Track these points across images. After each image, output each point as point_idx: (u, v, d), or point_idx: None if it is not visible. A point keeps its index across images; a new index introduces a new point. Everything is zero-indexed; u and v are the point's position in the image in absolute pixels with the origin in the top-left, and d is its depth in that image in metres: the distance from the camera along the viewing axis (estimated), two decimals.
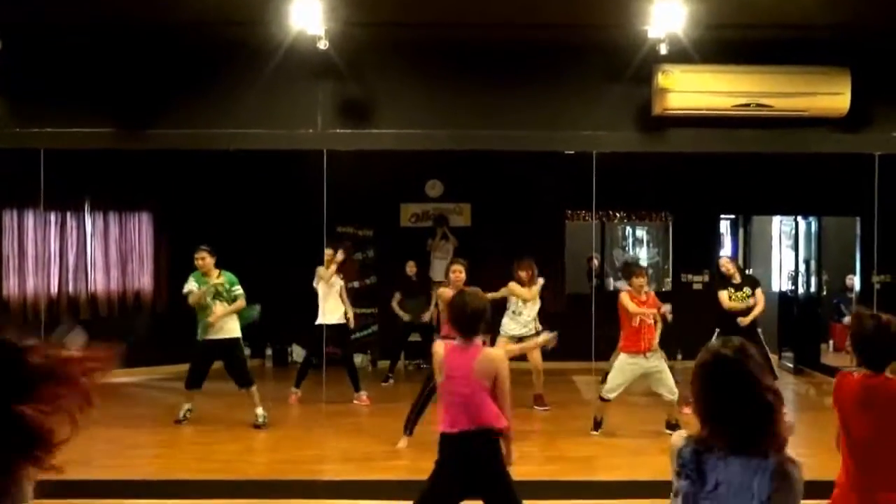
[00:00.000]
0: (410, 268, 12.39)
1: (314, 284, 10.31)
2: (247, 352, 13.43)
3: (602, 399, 8.88)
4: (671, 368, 9.19)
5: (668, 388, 8.84)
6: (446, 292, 7.84)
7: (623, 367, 8.87)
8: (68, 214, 11.90)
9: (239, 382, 9.17)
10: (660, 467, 8.02)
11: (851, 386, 4.25)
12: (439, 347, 5.17)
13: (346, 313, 10.51)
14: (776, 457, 2.90)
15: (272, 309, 12.89)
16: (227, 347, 9.19)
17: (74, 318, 11.91)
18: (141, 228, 12.69)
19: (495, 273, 10.63)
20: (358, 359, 13.34)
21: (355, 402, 10.16)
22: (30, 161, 7.89)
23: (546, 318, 12.82)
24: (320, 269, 10.22)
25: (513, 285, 10.19)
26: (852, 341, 4.35)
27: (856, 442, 4.20)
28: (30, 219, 11.44)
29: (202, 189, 12.48)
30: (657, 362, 8.99)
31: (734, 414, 2.91)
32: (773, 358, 11.59)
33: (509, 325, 10.43)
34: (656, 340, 9.13)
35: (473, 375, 4.87)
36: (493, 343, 9.53)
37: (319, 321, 10.20)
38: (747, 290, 10.01)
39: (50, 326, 9.93)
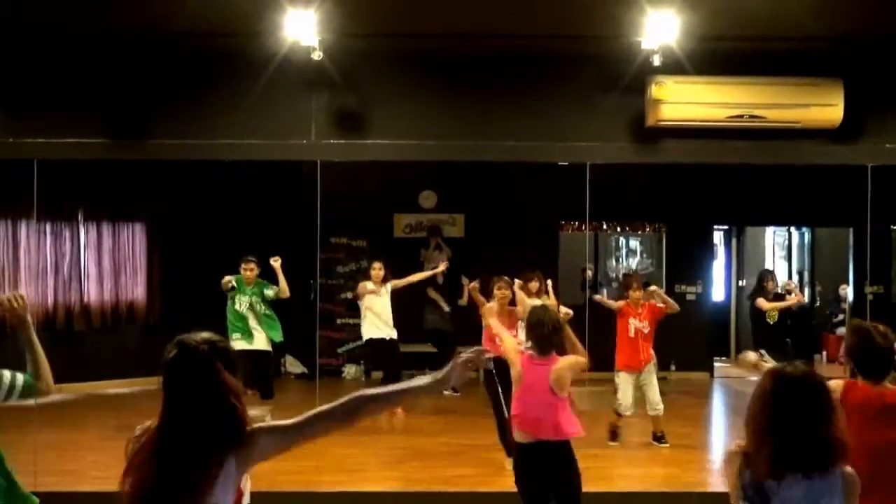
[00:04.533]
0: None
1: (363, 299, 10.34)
2: None
3: (618, 414, 8.89)
4: (664, 380, 9.20)
5: (652, 402, 8.84)
6: (492, 308, 8.03)
7: (624, 384, 8.88)
8: (62, 225, 11.88)
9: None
10: (655, 479, 8.05)
11: (865, 395, 4.23)
12: (516, 357, 5.52)
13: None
14: (842, 469, 2.96)
15: None
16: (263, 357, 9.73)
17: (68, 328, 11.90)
18: (134, 239, 12.67)
19: (489, 284, 10.63)
20: (351, 369, 13.34)
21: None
22: (23, 171, 7.86)
23: None
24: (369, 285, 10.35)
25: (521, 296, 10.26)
26: (849, 352, 4.34)
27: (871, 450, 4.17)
28: (23, 229, 11.42)
29: (196, 200, 12.47)
30: (648, 375, 9.00)
31: (808, 433, 2.94)
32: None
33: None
34: (651, 354, 9.19)
35: (550, 388, 5.28)
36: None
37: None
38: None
39: (42, 337, 9.88)
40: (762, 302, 10.06)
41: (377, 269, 10.34)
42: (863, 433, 4.14)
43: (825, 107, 7.54)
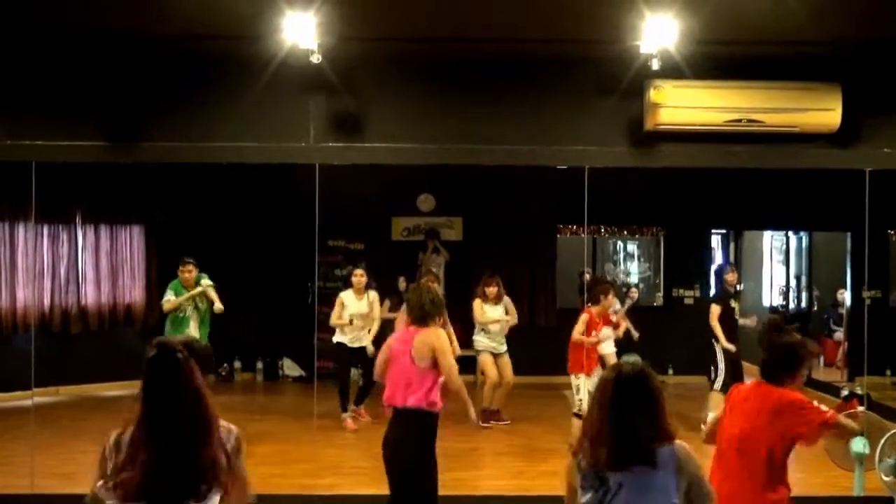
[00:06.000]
0: (401, 283, 12.36)
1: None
2: (237, 365, 13.47)
3: (577, 416, 8.92)
4: (662, 383, 9.22)
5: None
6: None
7: (579, 385, 8.98)
8: (60, 227, 11.87)
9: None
10: None
11: (744, 388, 4.52)
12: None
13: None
14: (672, 448, 3.23)
15: (263, 323, 12.87)
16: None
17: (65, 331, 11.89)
18: (132, 242, 12.67)
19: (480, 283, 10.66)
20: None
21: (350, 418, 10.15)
22: (21, 174, 7.86)
23: (537, 332, 12.86)
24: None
25: (476, 304, 10.44)
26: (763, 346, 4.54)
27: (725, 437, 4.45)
28: (21, 232, 11.41)
29: (194, 202, 12.47)
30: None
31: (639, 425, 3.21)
32: None
33: (481, 341, 10.52)
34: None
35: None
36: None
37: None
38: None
39: (40, 339, 9.89)
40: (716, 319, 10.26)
41: (359, 276, 10.36)
42: (730, 420, 4.44)
43: (823, 111, 7.55)
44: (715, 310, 10.29)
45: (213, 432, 2.94)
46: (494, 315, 10.47)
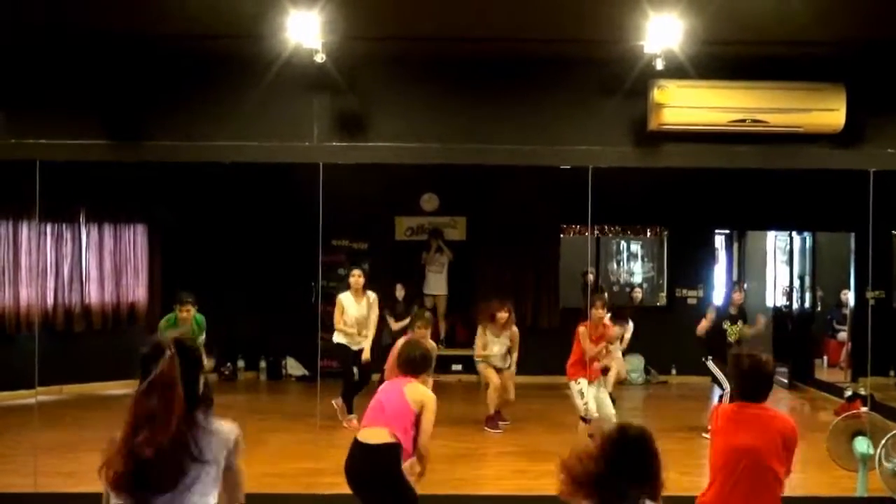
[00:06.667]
0: (399, 290, 12.33)
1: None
2: (240, 364, 13.49)
3: (584, 420, 8.92)
4: (664, 384, 9.22)
5: (607, 416, 8.94)
6: None
7: (582, 390, 8.99)
8: (63, 226, 11.88)
9: None
10: None
11: (730, 407, 4.77)
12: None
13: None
14: None
15: (267, 322, 12.88)
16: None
17: (69, 329, 11.90)
18: (136, 240, 12.68)
19: (490, 286, 10.65)
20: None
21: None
22: (25, 172, 7.87)
23: (540, 332, 12.85)
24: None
25: (478, 335, 10.36)
26: (730, 379, 4.80)
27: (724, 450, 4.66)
28: (25, 230, 11.43)
29: (197, 201, 12.48)
30: (600, 392, 9.13)
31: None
32: None
33: (481, 363, 10.50)
34: (612, 370, 9.67)
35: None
36: None
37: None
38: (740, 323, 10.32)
39: (43, 338, 9.87)
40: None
41: (357, 277, 10.28)
42: (725, 437, 4.66)
43: (827, 111, 7.54)
44: (704, 322, 10.26)
45: (173, 422, 2.99)
46: (495, 350, 10.36)
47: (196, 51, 7.62)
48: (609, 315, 9.54)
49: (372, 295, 10.36)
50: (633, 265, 16.23)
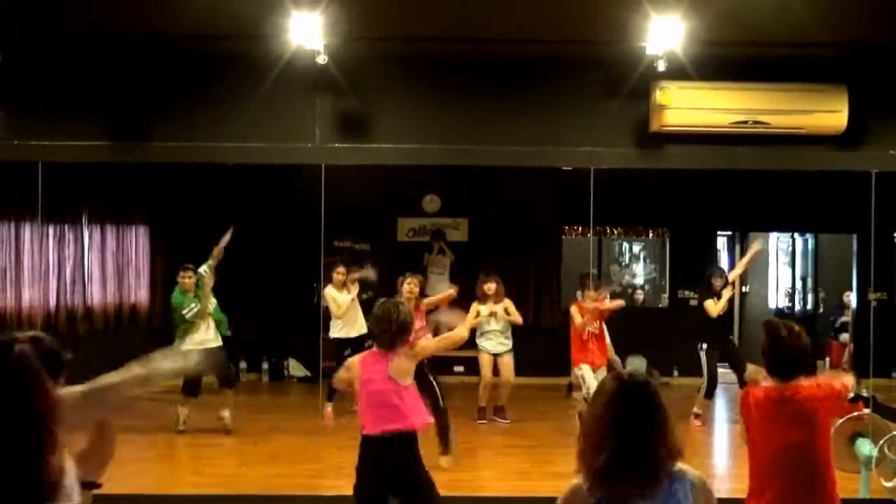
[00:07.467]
0: (400, 285, 12.31)
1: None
2: (242, 366, 13.48)
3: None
4: (667, 385, 9.23)
5: None
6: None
7: (584, 375, 9.09)
8: (66, 227, 11.88)
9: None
10: None
11: (765, 394, 4.19)
12: None
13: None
14: (691, 478, 2.90)
15: (269, 323, 12.87)
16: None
17: (71, 331, 11.90)
18: (138, 242, 12.68)
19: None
20: None
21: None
22: (27, 174, 7.88)
23: (542, 332, 12.84)
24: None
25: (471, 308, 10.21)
26: (762, 351, 4.26)
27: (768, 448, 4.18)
28: (27, 232, 11.42)
29: (200, 202, 12.48)
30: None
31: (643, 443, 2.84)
32: None
33: (481, 344, 10.47)
34: (610, 355, 9.76)
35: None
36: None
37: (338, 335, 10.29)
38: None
39: None
40: (710, 305, 10.01)
41: (339, 275, 10.37)
42: (763, 431, 4.17)
43: (829, 113, 7.54)
44: (722, 302, 10.14)
45: (49, 443, 2.66)
46: (486, 312, 10.24)
47: (198, 52, 7.63)
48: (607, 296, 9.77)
49: (353, 286, 10.45)
50: (636, 266, 16.22)
